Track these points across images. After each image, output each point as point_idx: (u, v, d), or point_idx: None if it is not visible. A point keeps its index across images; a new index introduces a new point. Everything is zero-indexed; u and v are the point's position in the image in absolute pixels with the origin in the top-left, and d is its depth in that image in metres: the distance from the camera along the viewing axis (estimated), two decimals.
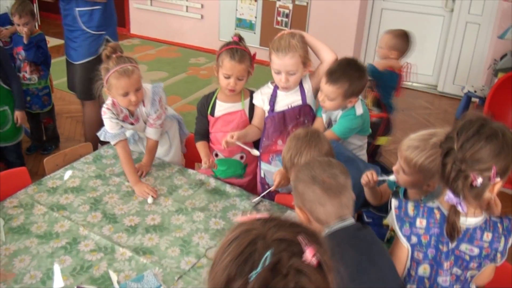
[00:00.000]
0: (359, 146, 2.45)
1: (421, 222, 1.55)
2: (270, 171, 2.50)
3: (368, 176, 1.94)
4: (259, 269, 0.80)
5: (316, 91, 2.43)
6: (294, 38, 2.27)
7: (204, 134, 2.61)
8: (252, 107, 2.56)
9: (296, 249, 0.83)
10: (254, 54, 2.47)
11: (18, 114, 3.53)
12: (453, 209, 1.45)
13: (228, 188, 2.51)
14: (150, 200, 2.36)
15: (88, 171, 2.65)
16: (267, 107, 2.46)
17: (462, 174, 1.38)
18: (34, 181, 2.51)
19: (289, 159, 1.91)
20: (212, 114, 2.56)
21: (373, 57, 6.36)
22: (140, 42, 7.47)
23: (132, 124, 2.57)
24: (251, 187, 2.70)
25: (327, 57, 2.35)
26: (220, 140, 2.51)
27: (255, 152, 2.46)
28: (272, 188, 2.25)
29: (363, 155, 2.49)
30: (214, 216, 2.30)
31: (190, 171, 2.67)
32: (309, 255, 0.83)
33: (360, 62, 2.27)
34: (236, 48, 2.40)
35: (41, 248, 2.06)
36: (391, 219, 1.58)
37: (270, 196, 2.36)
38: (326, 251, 0.87)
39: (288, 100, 2.40)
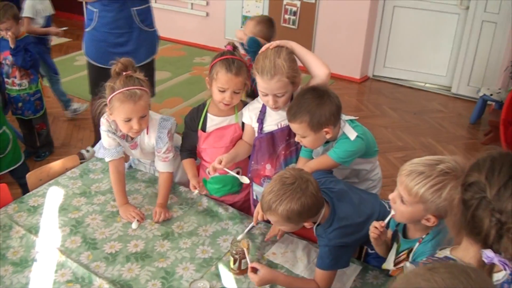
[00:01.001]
0: (369, 170, 2.28)
1: None
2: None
3: (377, 226, 1.75)
4: None
5: None
6: (280, 57, 2.07)
7: (191, 150, 2.47)
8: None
9: None
10: (251, 65, 2.29)
11: None
12: (489, 269, 1.22)
13: (221, 210, 2.39)
14: (134, 225, 2.26)
15: (73, 188, 2.55)
16: (255, 125, 2.32)
17: (505, 229, 1.15)
18: (19, 192, 2.38)
19: (267, 203, 1.75)
20: (204, 129, 2.40)
21: (384, 56, 6.17)
22: None
23: (129, 146, 2.43)
24: (249, 202, 2.58)
25: (319, 72, 2.16)
26: (212, 157, 2.36)
27: (245, 180, 2.33)
28: (252, 224, 2.14)
29: (375, 175, 2.32)
30: (202, 244, 2.17)
31: (182, 188, 2.54)
32: None
33: (320, 87, 2.06)
34: (232, 59, 2.23)
35: (15, 278, 1.95)
36: None
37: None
38: None
39: (277, 117, 2.25)
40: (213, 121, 2.41)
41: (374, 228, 1.77)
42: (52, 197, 2.47)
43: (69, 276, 1.95)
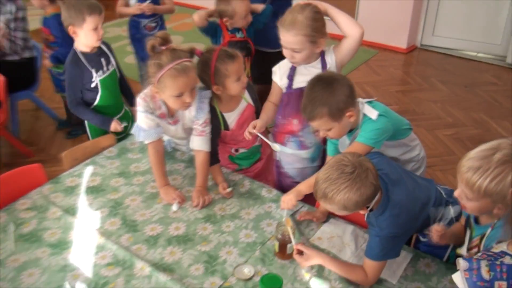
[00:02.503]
0: (408, 151, 2.27)
1: (500, 287, 1.37)
2: (285, 153, 2.52)
3: (438, 230, 1.78)
4: None
5: (341, 66, 2.36)
6: (303, 13, 2.17)
7: (215, 154, 2.49)
8: (254, 96, 2.54)
9: None
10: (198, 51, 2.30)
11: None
12: None
13: (264, 192, 2.39)
14: (175, 207, 2.28)
15: (110, 168, 2.58)
16: (284, 82, 2.40)
17: None
18: (53, 170, 2.45)
19: (323, 191, 1.72)
20: (227, 128, 2.48)
21: (433, 24, 6.00)
22: (176, 9, 7.29)
23: (169, 124, 2.42)
24: (266, 169, 2.70)
25: (351, 31, 2.26)
26: (238, 139, 2.49)
27: (276, 147, 2.40)
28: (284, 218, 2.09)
29: (417, 155, 2.29)
30: (245, 227, 2.18)
31: (223, 169, 2.54)
32: None
33: (324, 74, 2.08)
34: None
35: (53, 260, 1.98)
36: (461, 284, 1.40)
37: (311, 201, 2.19)
38: None
39: (307, 75, 2.24)
40: (230, 117, 2.46)
41: (436, 231, 1.77)
42: (90, 177, 2.50)
43: (110, 259, 1.98)
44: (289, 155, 2.53)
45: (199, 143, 2.39)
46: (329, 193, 1.69)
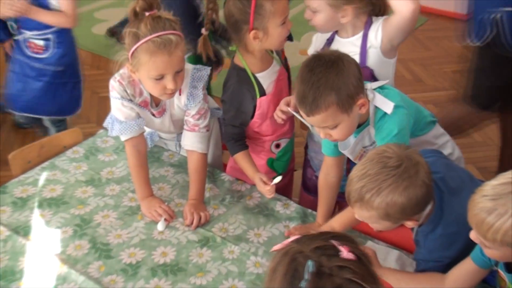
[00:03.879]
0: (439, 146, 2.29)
1: None
2: (317, 156, 2.60)
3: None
4: (306, 277, 1.11)
5: (390, 47, 2.36)
6: None
7: (242, 139, 2.51)
8: (284, 61, 2.55)
9: (332, 251, 1.18)
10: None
11: None
12: None
13: (279, 207, 2.40)
14: (161, 226, 2.28)
15: (75, 173, 2.56)
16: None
17: None
18: None
19: (357, 191, 1.72)
20: (263, 93, 2.44)
21: None
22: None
23: (153, 115, 2.42)
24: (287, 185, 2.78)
25: (402, 7, 2.22)
26: (275, 127, 2.53)
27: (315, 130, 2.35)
28: None
29: (449, 155, 2.30)
30: (255, 253, 2.18)
31: (224, 176, 2.56)
32: (345, 251, 1.17)
33: (323, 53, 2.08)
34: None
35: None
36: None
37: None
38: (359, 247, 1.23)
39: (343, 50, 2.20)
40: (265, 77, 2.44)
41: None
42: (47, 186, 2.48)
43: None
44: (317, 141, 2.57)
45: (191, 141, 2.40)
46: (366, 194, 1.69)
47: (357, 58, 2.27)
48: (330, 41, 2.43)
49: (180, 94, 2.36)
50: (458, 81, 4.80)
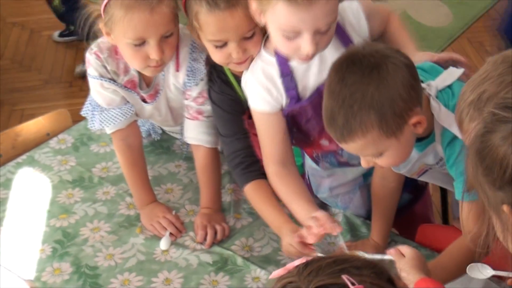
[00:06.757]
0: None
1: None
2: (318, 174, 2.32)
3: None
4: None
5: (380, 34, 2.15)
6: None
7: (253, 162, 2.15)
8: None
9: None
10: None
11: None
12: None
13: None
14: (164, 244, 2.04)
15: (60, 171, 2.35)
16: (283, 102, 2.05)
17: None
18: None
19: (477, 98, 1.53)
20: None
21: None
22: None
23: (144, 101, 2.19)
24: None
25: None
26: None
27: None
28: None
29: None
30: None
31: (226, 197, 2.35)
32: None
33: (359, 51, 1.78)
34: None
35: None
36: None
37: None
38: (383, 281, 1.08)
39: (318, 66, 1.99)
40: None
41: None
42: (23, 186, 2.31)
43: None
44: (322, 176, 2.32)
45: (195, 133, 2.18)
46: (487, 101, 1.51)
47: None
48: (286, 73, 2.08)
49: (177, 71, 2.13)
50: None
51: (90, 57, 2.09)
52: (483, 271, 1.55)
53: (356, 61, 1.73)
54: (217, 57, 2.03)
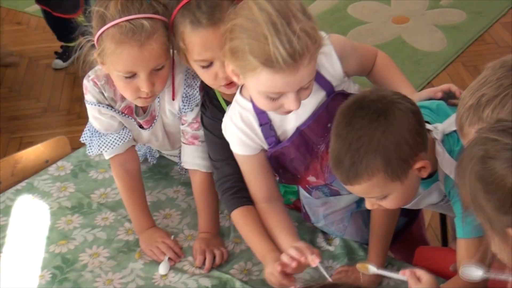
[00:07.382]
0: None
1: None
2: (312, 203, 2.29)
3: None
4: None
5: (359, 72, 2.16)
6: (296, 17, 1.77)
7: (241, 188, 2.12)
8: None
9: None
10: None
11: None
12: None
13: (321, 241, 2.16)
14: (163, 268, 2.02)
15: (59, 197, 2.34)
16: (265, 146, 2.06)
17: None
18: None
19: (476, 102, 1.58)
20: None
21: None
22: None
23: (141, 127, 2.19)
24: None
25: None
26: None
27: None
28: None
29: None
30: None
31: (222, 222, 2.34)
32: None
33: (373, 92, 1.81)
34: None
35: None
36: None
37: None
38: None
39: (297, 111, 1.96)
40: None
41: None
42: (22, 213, 2.29)
43: None
44: (317, 205, 2.29)
45: (191, 157, 2.17)
46: (485, 109, 1.56)
47: (321, 96, 2.06)
48: (264, 122, 2.07)
49: (173, 99, 2.13)
50: None
51: (87, 84, 2.09)
52: (477, 272, 1.52)
53: (364, 106, 1.74)
54: (206, 78, 2.02)
